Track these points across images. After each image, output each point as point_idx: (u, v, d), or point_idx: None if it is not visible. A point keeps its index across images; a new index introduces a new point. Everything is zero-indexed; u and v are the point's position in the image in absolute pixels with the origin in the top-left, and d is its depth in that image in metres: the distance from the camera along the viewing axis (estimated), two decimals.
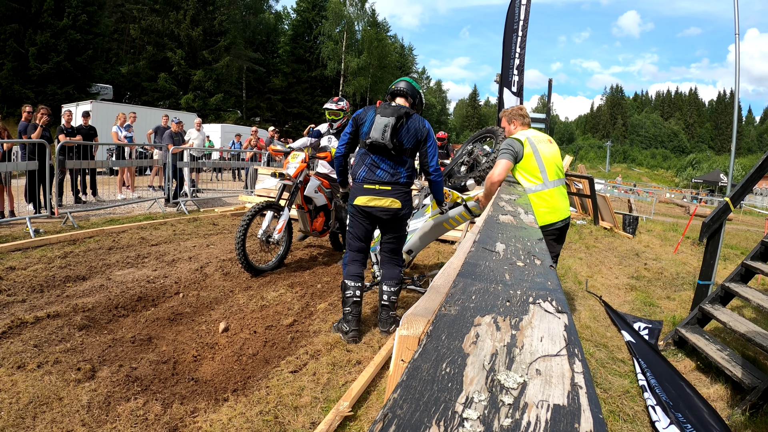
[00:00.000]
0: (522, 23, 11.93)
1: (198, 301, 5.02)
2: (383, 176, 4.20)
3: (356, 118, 4.34)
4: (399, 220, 4.39)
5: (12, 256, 6.00)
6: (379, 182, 4.19)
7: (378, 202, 4.22)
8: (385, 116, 4.13)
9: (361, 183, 4.24)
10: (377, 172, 4.21)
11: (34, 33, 29.24)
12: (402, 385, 0.61)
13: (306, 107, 51.35)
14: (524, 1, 11.87)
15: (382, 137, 4.08)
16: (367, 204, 4.23)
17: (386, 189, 4.21)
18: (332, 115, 6.73)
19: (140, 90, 39.13)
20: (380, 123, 4.11)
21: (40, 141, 8.08)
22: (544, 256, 1.38)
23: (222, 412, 3.04)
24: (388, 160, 4.20)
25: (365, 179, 4.22)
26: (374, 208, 4.25)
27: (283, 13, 58.45)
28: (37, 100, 26.30)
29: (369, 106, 4.37)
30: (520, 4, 11.89)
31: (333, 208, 6.92)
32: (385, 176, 4.20)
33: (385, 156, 4.19)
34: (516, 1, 11.92)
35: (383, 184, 4.20)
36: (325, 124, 6.95)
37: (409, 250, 5.36)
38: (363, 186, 4.23)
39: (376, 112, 4.20)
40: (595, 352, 4.47)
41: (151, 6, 38.42)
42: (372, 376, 3.49)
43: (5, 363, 3.40)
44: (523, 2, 11.86)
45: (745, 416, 3.48)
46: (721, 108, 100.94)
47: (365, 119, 4.25)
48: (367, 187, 4.21)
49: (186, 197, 11.27)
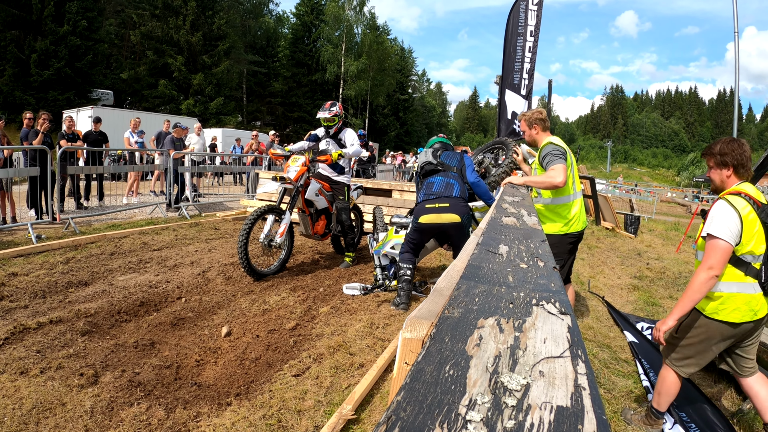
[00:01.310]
0: (533, 29, 11.91)
1: (200, 305, 5.02)
2: (439, 190, 4.92)
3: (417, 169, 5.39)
4: (461, 231, 4.89)
5: (14, 262, 6.01)
6: (436, 198, 4.88)
7: (439, 219, 4.85)
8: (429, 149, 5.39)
9: (423, 203, 4.92)
10: (433, 188, 4.97)
11: (34, 39, 29.32)
12: (405, 388, 0.61)
13: (306, 111, 51.43)
14: (533, 6, 11.85)
15: (428, 159, 5.18)
16: (428, 222, 4.89)
17: (444, 206, 4.82)
18: (327, 122, 6.66)
19: (140, 95, 39.22)
20: (428, 152, 5.28)
21: (41, 147, 8.09)
22: (548, 258, 1.38)
23: (225, 417, 3.03)
24: (439, 177, 5.00)
25: (425, 200, 4.93)
26: (436, 225, 4.90)
27: (283, 17, 58.60)
28: (38, 106, 26.40)
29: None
30: (527, 8, 11.86)
31: (334, 211, 6.87)
32: (440, 189, 4.92)
33: (435, 174, 5.03)
34: (521, 4, 11.90)
35: (440, 199, 4.86)
36: (321, 129, 6.92)
37: None
38: (425, 206, 4.90)
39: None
40: (598, 353, 4.47)
41: (150, 12, 38.52)
42: (375, 379, 3.49)
43: (8, 369, 3.40)
44: (532, 7, 11.83)
45: (749, 415, 3.47)
46: (722, 106, 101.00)
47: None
48: (428, 206, 4.88)
49: (187, 202, 11.28)
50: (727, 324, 2.87)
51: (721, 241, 2.71)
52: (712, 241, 2.75)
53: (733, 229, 2.71)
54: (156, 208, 10.50)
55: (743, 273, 2.81)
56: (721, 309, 2.86)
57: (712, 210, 2.83)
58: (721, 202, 2.80)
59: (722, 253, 2.72)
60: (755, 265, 2.80)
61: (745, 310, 2.82)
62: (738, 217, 2.72)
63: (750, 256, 2.80)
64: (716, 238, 2.73)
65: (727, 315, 2.84)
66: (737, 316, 2.83)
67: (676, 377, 3.11)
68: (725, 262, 2.75)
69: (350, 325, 4.66)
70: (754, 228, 2.75)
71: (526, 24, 11.96)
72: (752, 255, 2.79)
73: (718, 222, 2.74)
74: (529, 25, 11.94)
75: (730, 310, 2.84)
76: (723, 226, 2.72)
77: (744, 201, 2.77)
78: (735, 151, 2.88)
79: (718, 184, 3.00)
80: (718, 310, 2.87)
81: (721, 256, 2.72)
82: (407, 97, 66.82)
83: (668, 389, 3.14)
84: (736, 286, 2.82)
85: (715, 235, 2.73)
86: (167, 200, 10.84)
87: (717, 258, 2.72)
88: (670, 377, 3.13)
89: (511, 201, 2.86)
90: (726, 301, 2.84)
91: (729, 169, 2.91)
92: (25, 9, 28.88)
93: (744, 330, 2.89)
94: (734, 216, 2.72)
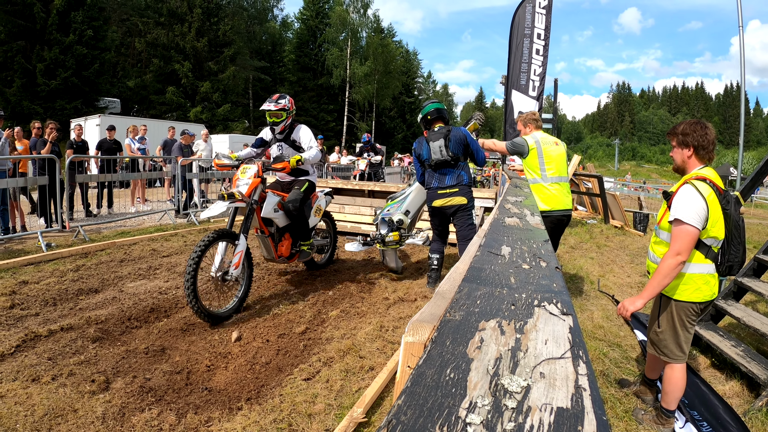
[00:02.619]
0: (541, 31, 11.90)
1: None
2: (451, 182, 5.50)
3: (415, 150, 5.83)
4: (466, 212, 5.57)
5: (25, 270, 6.06)
6: (449, 187, 5.50)
7: (450, 201, 5.50)
8: (436, 140, 5.47)
9: (436, 190, 5.55)
10: (446, 180, 5.51)
11: (41, 49, 29.54)
12: (406, 392, 0.62)
13: (312, 115, 51.49)
14: (541, 9, 11.82)
15: (442, 155, 5.43)
16: (442, 205, 5.53)
17: (455, 191, 5.48)
18: (273, 116, 5.59)
19: (148, 103, 39.43)
20: (435, 146, 5.45)
21: (50, 156, 8.17)
22: (550, 258, 1.38)
23: (236, 421, 3.05)
24: (450, 170, 5.51)
25: (438, 188, 5.54)
26: (448, 207, 5.54)
27: (287, 21, 58.78)
28: (45, 115, 26.55)
29: (420, 138, 5.75)
30: (534, 11, 11.84)
31: (312, 227, 6.03)
32: (452, 181, 5.50)
33: (447, 167, 5.50)
34: (527, 6, 11.88)
35: (452, 188, 5.49)
36: (266, 129, 5.91)
37: (407, 211, 6.33)
38: (438, 192, 5.54)
39: (428, 141, 5.53)
40: (609, 352, 4.44)
41: (156, 19, 38.75)
42: (385, 382, 3.49)
43: (20, 376, 3.44)
44: (539, 10, 11.81)
45: (762, 412, 3.45)
46: (729, 101, 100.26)
47: (422, 150, 5.64)
48: (441, 192, 5.52)
49: (196, 208, 11.34)
50: (694, 303, 3.02)
51: (690, 227, 2.78)
52: (681, 226, 2.81)
53: (700, 214, 2.77)
54: (165, 215, 10.56)
55: (704, 255, 2.92)
56: (685, 290, 3.00)
57: (678, 194, 2.89)
58: (688, 187, 2.86)
59: (690, 239, 2.80)
60: (714, 248, 2.92)
61: (705, 289, 2.97)
62: (704, 202, 2.78)
63: (712, 240, 2.90)
64: (684, 223, 2.79)
65: (692, 294, 2.98)
66: (699, 296, 2.98)
67: (680, 373, 3.16)
68: (692, 246, 2.83)
69: (360, 328, 4.67)
70: (717, 213, 2.84)
71: (533, 26, 11.94)
72: (714, 239, 2.90)
73: (686, 207, 2.80)
74: (536, 28, 11.93)
75: (692, 290, 2.98)
76: (691, 211, 2.78)
77: (708, 187, 2.84)
78: (697, 132, 2.98)
79: (679, 164, 3.10)
80: (683, 291, 3.01)
81: (689, 242, 2.80)
82: (414, 99, 66.80)
83: (675, 386, 3.18)
84: (697, 267, 2.94)
85: (683, 220, 2.79)
86: (176, 207, 10.90)
87: (685, 243, 2.80)
88: (674, 374, 3.17)
89: (514, 201, 2.86)
90: (688, 281, 2.98)
91: (690, 150, 3.00)
92: (29, 19, 29.12)
93: (704, 307, 3.10)
94: (701, 201, 2.78)
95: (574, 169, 12.85)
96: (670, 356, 3.16)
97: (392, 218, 6.14)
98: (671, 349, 3.14)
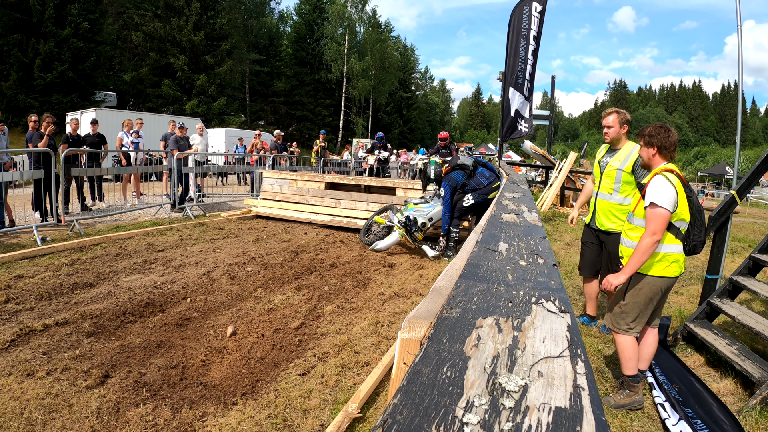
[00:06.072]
0: (535, 34, 12.00)
1: (205, 305, 5.03)
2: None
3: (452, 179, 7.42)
4: None
5: (20, 265, 6.03)
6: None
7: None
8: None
9: (490, 185, 7.29)
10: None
11: (37, 42, 29.39)
12: (402, 390, 0.61)
13: (309, 110, 51.45)
14: (536, 13, 11.88)
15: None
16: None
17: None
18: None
19: (144, 96, 39.29)
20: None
21: (45, 150, 8.11)
22: (548, 255, 1.37)
23: (231, 416, 3.04)
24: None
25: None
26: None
27: (285, 14, 58.62)
28: (42, 109, 26.41)
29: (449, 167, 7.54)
30: (530, 13, 11.91)
31: None
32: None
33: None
34: (524, 8, 11.92)
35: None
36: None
37: (431, 218, 7.53)
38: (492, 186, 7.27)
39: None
40: (604, 349, 4.45)
41: (153, 12, 38.55)
42: (380, 378, 3.49)
43: (15, 371, 3.42)
44: (535, 14, 11.88)
45: (756, 410, 3.45)
46: (725, 100, 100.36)
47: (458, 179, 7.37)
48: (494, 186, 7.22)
49: (192, 202, 11.30)
50: (666, 278, 3.38)
51: (663, 209, 3.14)
52: (655, 209, 3.16)
53: (671, 198, 3.15)
54: (160, 209, 10.53)
55: (674, 236, 3.31)
56: (659, 266, 3.35)
57: (651, 183, 3.27)
58: (659, 177, 3.25)
59: (663, 220, 3.16)
60: (682, 230, 3.31)
61: (675, 266, 3.36)
62: (674, 189, 3.17)
63: (680, 222, 3.28)
64: (659, 206, 3.15)
65: (664, 270, 3.35)
66: (671, 271, 3.35)
67: (630, 341, 3.51)
68: (665, 227, 3.21)
69: (355, 323, 4.67)
70: (683, 199, 3.24)
71: (529, 28, 12.04)
72: (682, 221, 3.29)
73: (659, 193, 3.17)
74: (532, 30, 12.04)
75: (665, 265, 3.35)
76: (664, 196, 3.15)
77: (675, 177, 3.25)
78: (660, 134, 3.40)
79: (645, 160, 3.53)
80: (657, 267, 3.36)
81: (663, 222, 3.17)
82: (410, 94, 66.61)
83: (630, 353, 3.52)
84: (669, 247, 3.32)
85: (658, 203, 3.15)
86: (171, 201, 10.86)
87: (659, 224, 3.16)
88: (627, 342, 3.51)
89: (511, 197, 2.85)
90: (663, 259, 3.34)
91: (654, 149, 3.42)
92: (26, 12, 28.92)
93: (672, 283, 3.45)
94: (671, 188, 3.17)
95: (569, 167, 12.86)
96: (626, 329, 3.49)
97: (418, 219, 7.32)
98: (627, 322, 3.48)
